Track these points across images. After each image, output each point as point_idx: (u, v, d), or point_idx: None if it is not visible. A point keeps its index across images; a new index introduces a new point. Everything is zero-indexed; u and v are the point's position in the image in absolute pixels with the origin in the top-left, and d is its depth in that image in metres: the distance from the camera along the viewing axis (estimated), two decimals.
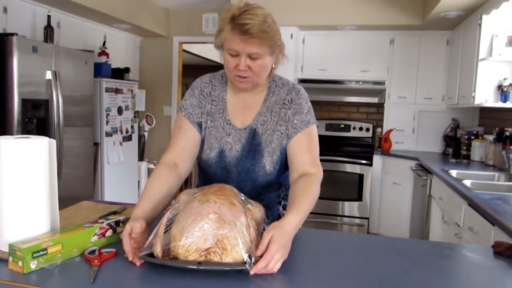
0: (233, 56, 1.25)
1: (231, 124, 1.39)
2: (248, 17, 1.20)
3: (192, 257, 0.99)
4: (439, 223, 3.07)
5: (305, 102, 1.39)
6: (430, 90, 4.36)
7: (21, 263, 0.97)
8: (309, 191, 1.24)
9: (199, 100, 1.41)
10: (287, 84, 1.42)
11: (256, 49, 1.22)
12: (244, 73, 1.27)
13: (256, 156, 1.37)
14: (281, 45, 1.31)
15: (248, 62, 1.24)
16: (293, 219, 1.11)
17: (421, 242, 1.42)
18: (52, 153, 1.11)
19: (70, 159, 3.53)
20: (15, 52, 2.90)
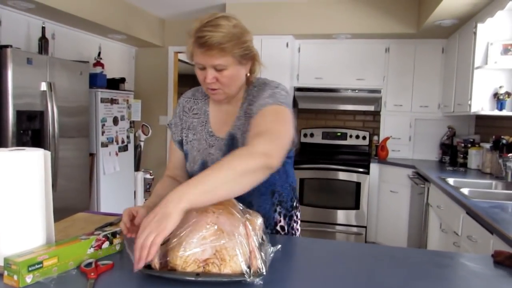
0: (201, 69, 1.26)
1: (214, 135, 1.39)
2: (208, 29, 1.19)
3: (190, 268, 0.98)
4: (437, 231, 3.06)
5: (269, 89, 1.31)
6: (426, 98, 4.38)
7: (17, 277, 0.95)
8: (224, 159, 1.05)
9: (180, 118, 1.46)
10: (261, 81, 1.38)
11: (218, 61, 1.22)
12: (213, 85, 1.27)
13: None
14: (251, 54, 1.29)
15: (215, 74, 1.24)
16: (175, 189, 0.98)
17: (420, 251, 1.41)
18: (47, 165, 1.10)
19: (66, 170, 3.51)
20: (9, 64, 2.88)
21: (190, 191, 0.97)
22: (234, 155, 1.06)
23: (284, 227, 1.47)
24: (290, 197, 1.48)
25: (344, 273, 1.11)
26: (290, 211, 1.49)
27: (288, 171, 1.46)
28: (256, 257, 1.03)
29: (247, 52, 1.27)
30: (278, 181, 1.42)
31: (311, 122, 5.01)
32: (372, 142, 4.69)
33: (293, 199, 1.50)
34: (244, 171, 1.03)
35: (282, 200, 1.45)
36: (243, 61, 1.28)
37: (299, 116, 5.05)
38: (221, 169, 1.02)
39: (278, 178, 1.41)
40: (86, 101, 3.77)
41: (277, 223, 1.46)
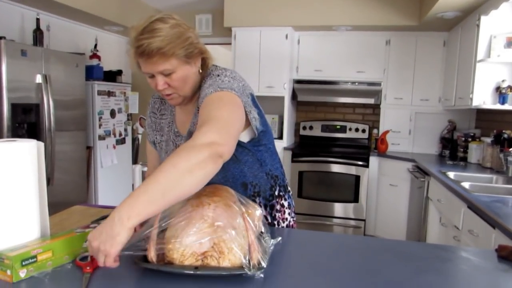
0: (150, 77, 1.23)
1: (180, 135, 1.37)
2: (144, 36, 1.15)
3: (188, 261, 0.95)
4: (436, 225, 3.05)
5: (210, 79, 1.25)
6: (426, 91, 4.34)
7: (10, 271, 0.93)
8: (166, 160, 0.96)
9: (151, 119, 1.46)
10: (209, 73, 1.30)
11: (163, 66, 1.18)
12: (166, 91, 1.24)
13: None
14: (195, 50, 1.23)
15: (165, 79, 1.21)
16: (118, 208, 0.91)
17: (421, 244, 1.38)
18: (41, 156, 1.06)
19: (63, 164, 3.47)
20: (3, 56, 2.84)
21: (136, 205, 0.90)
22: (175, 153, 0.97)
23: (267, 217, 1.42)
24: (268, 186, 1.42)
25: (346, 266, 1.09)
26: (271, 200, 1.43)
27: (262, 159, 1.39)
28: (255, 250, 1.01)
29: (191, 50, 1.22)
30: (248, 172, 1.36)
31: (310, 115, 4.97)
32: (371, 135, 4.66)
33: (273, 188, 1.43)
34: (189, 167, 0.94)
35: (259, 191, 1.40)
36: (190, 60, 1.23)
37: (298, 109, 5.01)
38: (163, 172, 0.93)
39: (248, 169, 1.36)
40: (83, 93, 3.73)
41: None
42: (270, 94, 4.44)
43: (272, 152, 1.44)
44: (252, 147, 1.35)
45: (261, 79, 4.48)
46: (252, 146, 1.35)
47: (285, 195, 1.50)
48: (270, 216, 1.44)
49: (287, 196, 1.51)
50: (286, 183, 1.53)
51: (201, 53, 1.26)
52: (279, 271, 1.02)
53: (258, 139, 1.35)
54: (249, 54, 4.48)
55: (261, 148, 1.38)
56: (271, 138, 1.42)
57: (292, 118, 4.87)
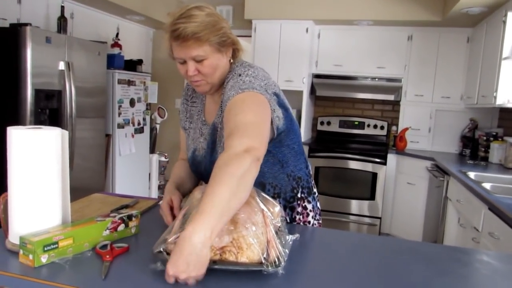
0: (181, 63, 1.25)
1: (206, 124, 1.39)
2: (181, 21, 1.18)
3: None
4: (455, 226, 3.00)
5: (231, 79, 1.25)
6: (448, 88, 4.26)
7: (32, 256, 0.95)
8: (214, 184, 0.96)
9: (184, 105, 1.50)
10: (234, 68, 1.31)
11: (196, 51, 1.20)
12: (195, 78, 1.26)
13: (214, 151, 1.33)
14: (229, 40, 1.27)
15: (196, 65, 1.23)
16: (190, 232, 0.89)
17: (441, 246, 1.37)
18: (65, 144, 1.08)
19: (82, 151, 3.52)
20: (28, 42, 2.88)
21: (211, 221, 0.90)
22: (224, 163, 1.00)
23: (286, 218, 1.36)
24: (290, 188, 1.40)
25: (365, 266, 1.08)
26: (292, 202, 1.41)
27: (284, 160, 1.37)
28: (274, 247, 1.00)
29: (224, 39, 1.25)
30: (268, 172, 1.35)
31: (328, 110, 4.93)
32: (390, 133, 4.60)
33: (295, 189, 1.41)
34: (242, 174, 0.98)
35: (280, 192, 1.38)
36: (222, 49, 1.25)
37: (316, 104, 4.97)
38: (223, 182, 0.96)
39: (267, 169, 1.34)
40: (104, 81, 3.77)
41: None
42: (289, 88, 4.41)
43: (296, 152, 1.41)
44: (273, 148, 1.33)
45: (280, 73, 4.46)
46: (273, 147, 1.33)
47: (308, 197, 1.46)
48: (289, 217, 1.41)
49: (311, 199, 1.47)
50: (311, 185, 1.49)
51: (232, 44, 1.29)
52: (296, 269, 1.02)
53: (279, 140, 1.33)
54: (268, 47, 4.46)
55: (283, 149, 1.36)
56: (296, 139, 1.40)
57: (310, 112, 4.84)
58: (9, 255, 1.00)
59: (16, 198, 1.01)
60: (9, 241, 1.03)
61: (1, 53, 2.85)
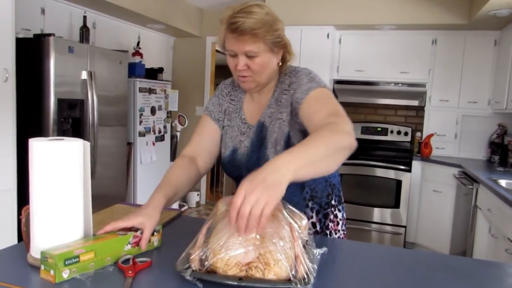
0: (232, 56, 1.27)
1: (246, 122, 1.39)
2: (240, 15, 1.21)
3: (232, 271, 0.91)
4: (485, 236, 2.88)
5: (304, 75, 1.30)
6: (475, 93, 4.13)
7: (53, 272, 0.92)
8: (318, 134, 1.01)
9: (219, 99, 1.47)
10: (291, 69, 1.36)
11: (250, 47, 1.22)
12: (243, 73, 1.27)
13: (261, 149, 1.32)
14: (282, 42, 1.29)
15: (247, 61, 1.25)
16: (279, 157, 0.91)
17: (480, 262, 1.28)
18: (86, 156, 1.05)
19: (104, 159, 3.54)
20: (52, 52, 2.92)
21: (297, 162, 0.90)
22: (329, 130, 1.03)
23: (316, 224, 1.39)
24: (325, 194, 1.40)
25: (397, 283, 1.01)
26: (326, 208, 1.41)
27: None
28: (302, 262, 0.95)
29: (278, 40, 1.27)
30: None
31: (350, 116, 4.68)
32: (414, 139, 4.48)
33: (330, 196, 1.42)
34: (340, 147, 1.01)
35: (315, 196, 1.38)
36: (275, 49, 1.27)
37: None
38: (322, 141, 0.98)
39: None
40: (125, 90, 3.79)
41: (308, 218, 1.37)
42: None
43: None
44: None
45: None
46: None
47: (339, 205, 1.45)
48: (322, 224, 1.40)
49: (341, 207, 1.46)
50: (341, 194, 1.48)
51: (284, 47, 1.30)
52: (326, 286, 0.97)
53: None
54: None
55: None
56: None
57: None
58: (30, 270, 0.97)
59: (38, 211, 0.99)
60: (31, 255, 1.01)
61: (25, 63, 2.89)
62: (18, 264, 1.00)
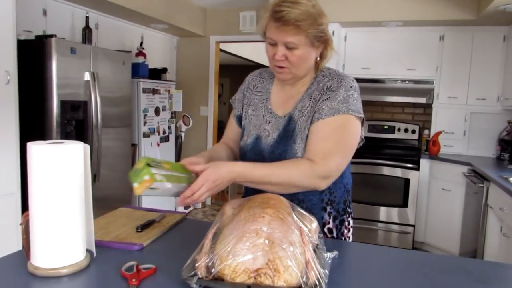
0: (271, 45, 1.25)
1: (272, 112, 1.37)
2: (287, 5, 1.18)
3: (240, 278, 0.87)
4: (497, 235, 2.82)
5: (344, 90, 1.25)
6: (483, 90, 4.06)
7: (148, 176, 1.05)
8: (285, 165, 1.19)
9: (243, 94, 1.47)
10: (335, 73, 1.33)
11: (291, 38, 1.20)
12: (281, 63, 1.25)
13: (288, 142, 1.29)
14: (325, 38, 1.26)
15: (285, 52, 1.23)
16: (240, 166, 1.15)
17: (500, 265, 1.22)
18: (87, 159, 1.01)
19: (108, 160, 3.51)
20: (54, 53, 2.89)
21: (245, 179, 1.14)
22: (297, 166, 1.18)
23: (333, 230, 1.36)
24: (343, 199, 1.39)
25: (410, 285, 0.97)
26: (342, 214, 1.39)
27: (344, 171, 1.31)
28: (313, 268, 0.91)
29: (321, 35, 1.24)
30: None
31: None
32: (422, 137, 4.42)
33: (346, 202, 1.40)
34: (296, 185, 1.19)
35: (333, 200, 1.36)
36: (316, 44, 1.25)
37: None
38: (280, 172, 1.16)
39: None
40: (129, 91, 3.76)
41: (325, 223, 1.35)
42: None
43: (349, 165, 1.36)
44: None
45: None
46: None
47: (352, 212, 1.44)
48: (337, 230, 1.38)
49: (352, 213, 1.45)
50: (351, 200, 1.46)
51: (326, 42, 1.28)
52: None
53: None
54: None
55: None
56: None
57: None
58: (32, 279, 0.94)
59: (38, 217, 0.95)
60: (31, 264, 0.97)
61: (27, 65, 2.86)
62: (18, 273, 0.96)
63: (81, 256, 1.00)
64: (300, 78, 1.32)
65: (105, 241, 1.15)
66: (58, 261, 0.95)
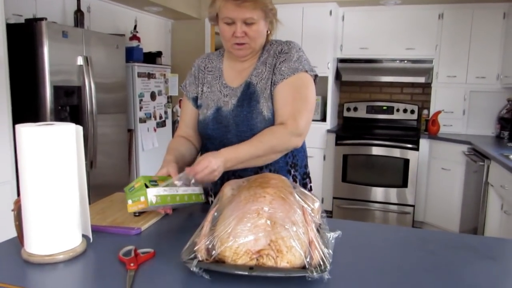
0: (229, 24, 1.31)
1: (228, 86, 1.43)
2: None
3: (241, 260, 0.85)
4: (497, 213, 2.81)
5: (295, 51, 1.38)
6: (483, 68, 4.01)
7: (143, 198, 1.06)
8: (263, 136, 1.27)
9: (195, 76, 1.51)
10: (281, 41, 1.45)
11: (250, 14, 1.27)
12: (241, 40, 1.32)
13: (252, 103, 1.36)
14: (273, 10, 1.35)
15: (244, 28, 1.30)
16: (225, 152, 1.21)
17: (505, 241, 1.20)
18: (79, 141, 0.97)
19: (105, 147, 3.46)
20: (45, 38, 2.81)
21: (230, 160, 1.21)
22: (273, 133, 1.28)
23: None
24: (304, 163, 1.51)
25: (419, 266, 0.94)
26: (305, 178, 1.51)
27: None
28: (317, 248, 0.88)
29: (271, 8, 1.33)
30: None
31: (354, 95, 4.74)
32: (421, 117, 4.38)
33: (306, 166, 1.53)
34: (278, 151, 1.30)
35: (296, 163, 1.46)
36: (268, 18, 1.34)
37: (342, 89, 4.79)
38: (262, 144, 1.26)
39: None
40: (123, 75, 3.69)
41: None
42: None
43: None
44: None
45: None
46: None
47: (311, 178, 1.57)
48: None
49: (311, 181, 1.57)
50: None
51: (274, 15, 1.37)
52: (343, 272, 0.90)
53: None
54: (290, 32, 4.28)
55: None
56: None
57: (336, 99, 4.66)
58: (26, 267, 0.91)
59: (30, 203, 0.91)
60: (25, 251, 0.93)
61: (18, 50, 2.78)
62: (12, 260, 0.94)
63: (77, 242, 0.97)
64: (257, 52, 1.41)
65: (102, 226, 1.12)
66: (53, 247, 0.92)
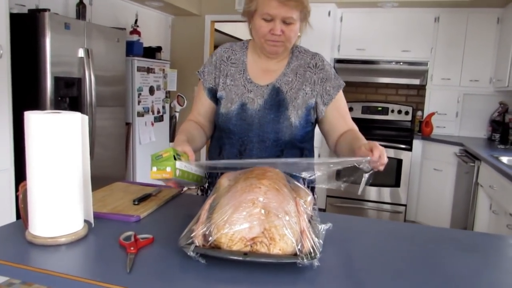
0: (267, 21, 1.30)
1: (252, 82, 1.43)
2: None
3: (236, 247, 0.89)
4: (486, 212, 2.88)
5: (330, 68, 1.45)
6: (476, 72, 4.08)
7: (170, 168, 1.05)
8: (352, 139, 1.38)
9: (215, 66, 1.48)
10: (309, 51, 1.48)
11: (291, 13, 1.27)
12: (277, 38, 1.31)
13: (280, 109, 1.39)
14: (309, 13, 1.36)
15: (282, 27, 1.29)
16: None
17: (488, 236, 1.26)
18: (84, 130, 1.02)
19: (102, 139, 3.50)
20: (47, 29, 2.84)
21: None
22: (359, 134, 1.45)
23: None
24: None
25: (403, 257, 1.00)
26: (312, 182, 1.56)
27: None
28: (308, 237, 0.93)
29: (309, 9, 1.33)
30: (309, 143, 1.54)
31: (350, 96, 4.80)
32: (415, 118, 4.45)
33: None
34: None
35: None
36: (305, 18, 1.34)
37: None
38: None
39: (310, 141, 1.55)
40: (123, 69, 3.72)
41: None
42: None
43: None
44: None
45: None
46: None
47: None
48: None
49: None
50: None
51: (306, 18, 1.36)
52: (331, 260, 0.95)
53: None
54: None
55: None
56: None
57: None
58: (30, 248, 0.95)
59: (36, 186, 0.96)
60: (29, 233, 0.98)
61: (20, 39, 2.82)
62: (17, 241, 0.98)
63: (79, 226, 1.02)
64: (287, 51, 1.42)
65: (103, 213, 1.17)
66: (56, 230, 0.97)
